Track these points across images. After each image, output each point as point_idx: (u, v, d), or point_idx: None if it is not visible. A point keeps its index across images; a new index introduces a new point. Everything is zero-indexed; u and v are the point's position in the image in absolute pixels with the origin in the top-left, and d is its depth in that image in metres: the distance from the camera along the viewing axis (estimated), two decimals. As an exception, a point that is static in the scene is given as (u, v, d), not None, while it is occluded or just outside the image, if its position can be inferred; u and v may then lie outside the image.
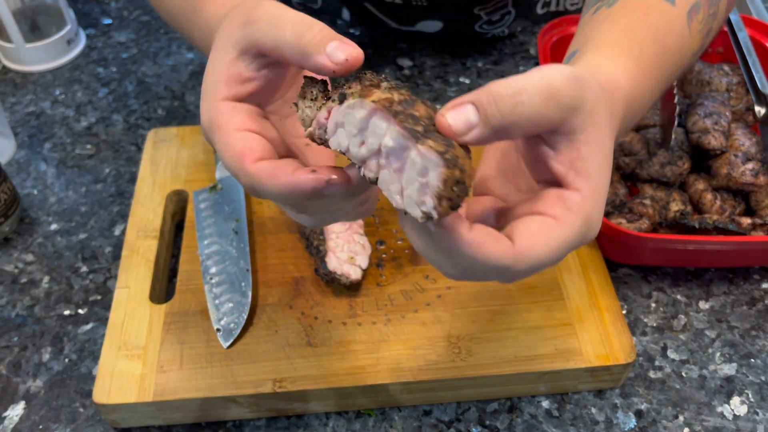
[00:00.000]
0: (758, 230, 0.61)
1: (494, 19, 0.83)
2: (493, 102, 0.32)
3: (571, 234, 0.35)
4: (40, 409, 0.55)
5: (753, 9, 0.99)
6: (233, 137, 0.37)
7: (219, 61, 0.39)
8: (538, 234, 0.34)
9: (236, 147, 0.37)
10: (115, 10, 0.97)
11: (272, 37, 0.36)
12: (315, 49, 0.35)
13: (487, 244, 0.33)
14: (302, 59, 0.36)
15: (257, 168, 0.36)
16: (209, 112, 0.39)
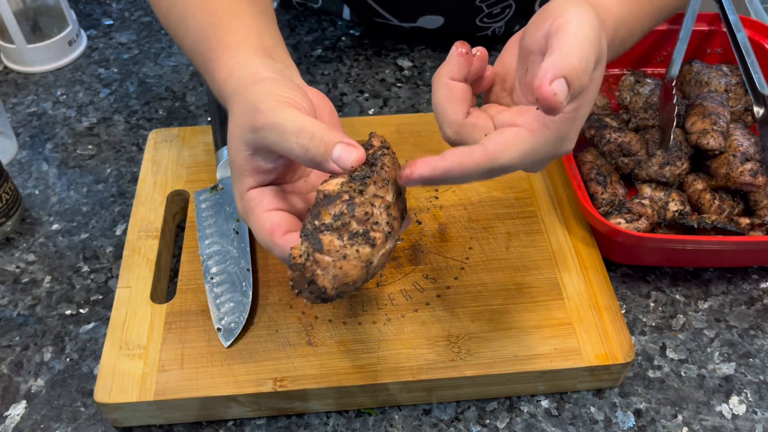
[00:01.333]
0: (757, 230, 0.61)
1: (495, 12, 0.84)
2: (576, 78, 0.37)
3: (544, 146, 0.40)
4: (41, 408, 0.55)
5: (752, 10, 0.99)
6: (262, 218, 0.43)
7: (238, 156, 0.44)
8: (510, 140, 0.40)
9: (266, 225, 0.42)
10: (116, 11, 0.97)
11: (280, 146, 0.41)
12: (322, 158, 0.40)
13: (464, 160, 0.39)
14: (314, 167, 0.41)
15: (285, 240, 0.42)
16: (241, 202, 0.44)
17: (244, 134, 0.42)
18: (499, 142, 0.40)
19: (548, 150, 0.41)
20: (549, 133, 0.41)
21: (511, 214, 0.64)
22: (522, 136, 0.40)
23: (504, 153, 0.40)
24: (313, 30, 0.93)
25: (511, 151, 0.40)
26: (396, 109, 0.81)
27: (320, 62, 0.88)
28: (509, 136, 0.40)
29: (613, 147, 0.67)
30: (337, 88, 0.84)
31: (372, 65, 0.87)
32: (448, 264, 0.60)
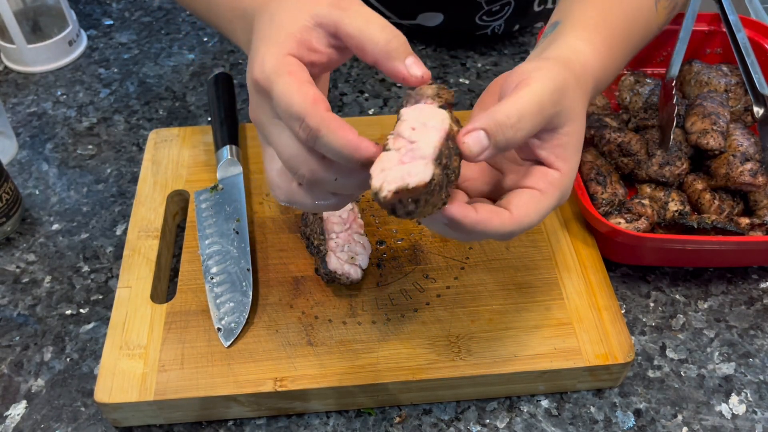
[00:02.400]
0: (756, 230, 0.61)
1: (494, 10, 0.84)
2: (500, 131, 0.40)
3: (553, 202, 0.44)
4: (41, 408, 0.55)
5: (751, 10, 0.99)
6: (307, 85, 0.39)
7: (292, 21, 0.41)
8: (529, 204, 0.43)
9: (310, 93, 0.39)
10: (116, 11, 0.97)
11: (360, 29, 0.40)
12: (398, 55, 0.40)
13: (493, 219, 0.41)
14: (384, 60, 0.40)
15: (330, 116, 0.38)
16: (279, 59, 0.40)
17: (316, 6, 0.41)
18: (522, 207, 0.43)
19: (557, 203, 0.44)
20: (555, 190, 0.44)
21: (511, 214, 0.64)
22: (537, 198, 0.43)
23: (526, 216, 0.43)
24: (313, 30, 0.93)
25: (531, 214, 0.43)
26: (396, 109, 0.81)
27: (320, 62, 0.88)
28: (527, 199, 0.43)
29: (613, 147, 0.67)
30: (337, 88, 0.84)
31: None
32: (448, 264, 0.60)
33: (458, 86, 0.84)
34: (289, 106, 0.39)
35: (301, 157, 0.41)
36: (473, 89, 0.84)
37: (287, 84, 0.39)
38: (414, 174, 0.37)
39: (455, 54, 0.89)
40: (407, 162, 0.38)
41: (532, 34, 0.92)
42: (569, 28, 0.51)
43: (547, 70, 0.43)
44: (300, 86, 0.39)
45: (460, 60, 0.88)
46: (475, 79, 0.86)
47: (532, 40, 0.91)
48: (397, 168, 0.37)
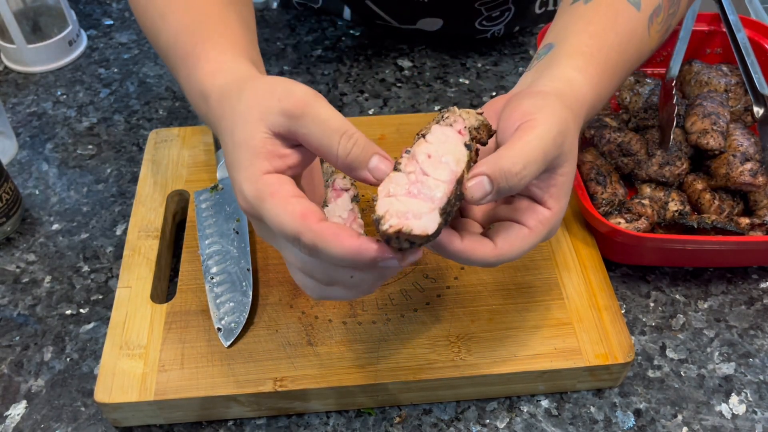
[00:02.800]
0: (756, 230, 0.61)
1: (494, 16, 0.84)
2: (504, 178, 0.40)
3: (539, 238, 0.45)
4: (41, 408, 0.55)
5: (751, 10, 0.99)
6: (291, 202, 0.39)
7: (250, 137, 0.41)
8: (515, 240, 0.44)
9: (297, 210, 0.39)
10: (116, 11, 0.97)
11: (318, 140, 0.40)
12: (359, 165, 0.41)
13: (477, 249, 0.43)
14: (348, 171, 0.41)
15: (323, 227, 0.38)
16: (255, 184, 0.40)
17: (269, 116, 0.41)
18: (507, 241, 0.44)
19: (543, 240, 0.45)
20: (543, 228, 0.44)
21: (511, 214, 0.64)
22: (524, 234, 0.44)
23: (509, 252, 0.44)
24: (313, 30, 0.93)
25: (515, 250, 0.44)
26: (396, 109, 0.81)
27: (320, 62, 0.88)
28: (513, 235, 0.44)
29: (612, 147, 0.67)
30: (337, 88, 0.84)
31: (372, 65, 0.87)
32: (448, 264, 0.60)
33: (458, 86, 0.84)
34: (282, 229, 0.39)
35: (311, 264, 0.41)
36: (473, 89, 0.84)
37: (272, 208, 0.39)
38: (419, 217, 0.37)
39: (455, 54, 0.89)
40: (414, 196, 0.38)
41: (533, 34, 0.92)
42: (564, 55, 0.50)
43: (551, 112, 0.43)
44: (285, 206, 0.39)
45: (460, 60, 0.88)
46: (475, 79, 0.86)
47: (532, 39, 0.91)
48: (404, 199, 0.38)
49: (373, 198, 0.39)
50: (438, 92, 0.84)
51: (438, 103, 0.82)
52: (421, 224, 0.37)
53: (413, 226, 0.37)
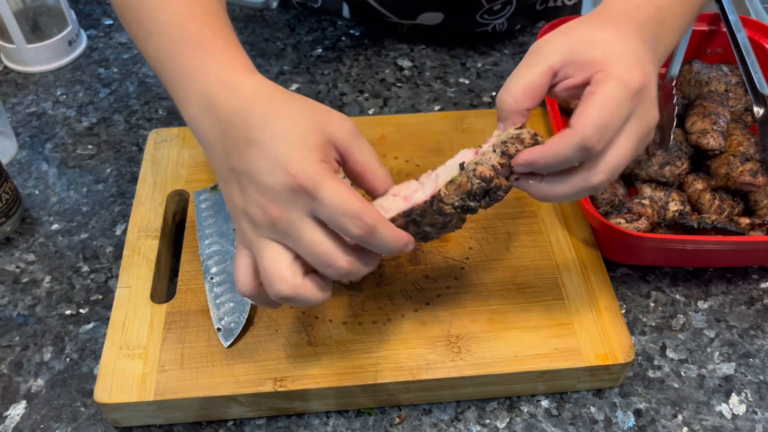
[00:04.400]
0: (757, 230, 0.61)
1: (495, 9, 0.84)
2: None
3: (610, 90, 0.43)
4: (41, 408, 0.55)
5: (752, 10, 0.99)
6: (353, 189, 0.43)
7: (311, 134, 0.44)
8: (583, 109, 0.43)
9: (359, 195, 0.42)
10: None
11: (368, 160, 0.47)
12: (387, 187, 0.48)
13: (556, 142, 0.43)
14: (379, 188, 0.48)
15: (381, 215, 0.43)
16: (317, 164, 0.42)
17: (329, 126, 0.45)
18: (578, 116, 0.43)
19: (618, 92, 0.43)
20: (607, 80, 0.44)
21: (511, 214, 0.64)
22: (588, 99, 0.44)
23: (587, 120, 0.42)
24: (313, 30, 0.93)
25: (592, 116, 0.43)
26: (396, 109, 0.81)
27: (320, 62, 0.88)
28: (581, 107, 0.44)
29: (613, 147, 0.67)
30: (337, 88, 0.84)
31: (372, 65, 0.87)
32: (448, 264, 0.60)
33: (458, 86, 0.84)
34: (346, 205, 0.41)
35: (338, 252, 0.43)
36: (473, 89, 0.84)
37: (338, 186, 0.42)
38: (388, 211, 0.46)
39: (455, 54, 0.89)
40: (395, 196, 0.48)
41: (533, 34, 0.92)
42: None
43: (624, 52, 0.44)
44: (349, 187, 0.42)
45: (460, 60, 0.88)
46: (475, 79, 0.85)
47: (532, 39, 0.91)
48: (389, 197, 0.47)
49: None
50: (438, 92, 0.84)
51: (438, 103, 0.82)
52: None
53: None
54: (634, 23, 0.47)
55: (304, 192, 0.42)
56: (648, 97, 0.45)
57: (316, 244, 0.43)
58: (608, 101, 0.43)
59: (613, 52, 0.44)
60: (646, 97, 0.44)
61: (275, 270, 0.43)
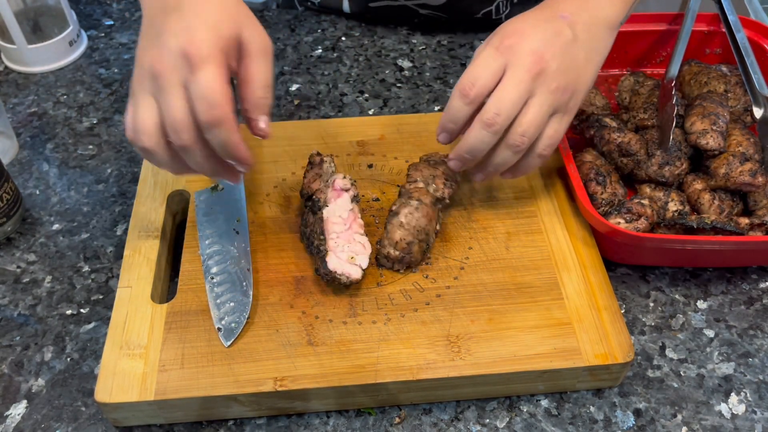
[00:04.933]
0: (756, 230, 0.61)
1: None
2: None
3: (480, 52, 0.55)
4: (42, 407, 0.56)
5: (751, 10, 0.99)
6: (227, 84, 0.48)
7: (228, 25, 0.49)
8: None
9: (228, 92, 0.47)
10: (116, 11, 0.97)
11: (259, 73, 0.52)
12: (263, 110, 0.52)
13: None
14: (252, 108, 0.52)
15: (230, 118, 0.47)
16: (212, 48, 0.47)
17: (237, 23, 0.49)
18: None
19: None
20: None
21: (511, 214, 0.64)
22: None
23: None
24: (313, 30, 0.93)
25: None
26: (396, 109, 0.82)
27: (320, 62, 0.88)
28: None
29: (612, 147, 0.67)
30: (337, 88, 0.84)
31: (372, 65, 0.88)
32: (448, 264, 0.60)
33: (458, 86, 0.85)
34: (208, 91, 0.46)
35: (186, 124, 0.48)
36: (473, 89, 0.84)
37: (215, 74, 0.47)
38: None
39: (455, 54, 0.89)
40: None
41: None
42: None
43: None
44: (223, 82, 0.47)
45: (460, 60, 0.88)
46: (475, 79, 0.86)
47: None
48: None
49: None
50: (438, 92, 0.84)
51: (438, 103, 0.82)
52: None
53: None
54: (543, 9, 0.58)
55: (189, 63, 0.47)
56: (521, 49, 0.54)
57: (175, 110, 0.47)
58: (476, 59, 0.55)
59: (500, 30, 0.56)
60: (519, 50, 0.54)
61: (140, 119, 0.49)
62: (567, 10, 0.57)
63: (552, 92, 0.54)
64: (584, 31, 0.57)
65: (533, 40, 0.54)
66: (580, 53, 0.56)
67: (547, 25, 0.56)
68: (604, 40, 0.59)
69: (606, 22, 0.59)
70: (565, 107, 0.56)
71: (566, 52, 0.55)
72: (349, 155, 0.70)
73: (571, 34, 0.56)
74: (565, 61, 0.55)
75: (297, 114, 0.81)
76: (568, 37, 0.56)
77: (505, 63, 0.54)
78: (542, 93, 0.54)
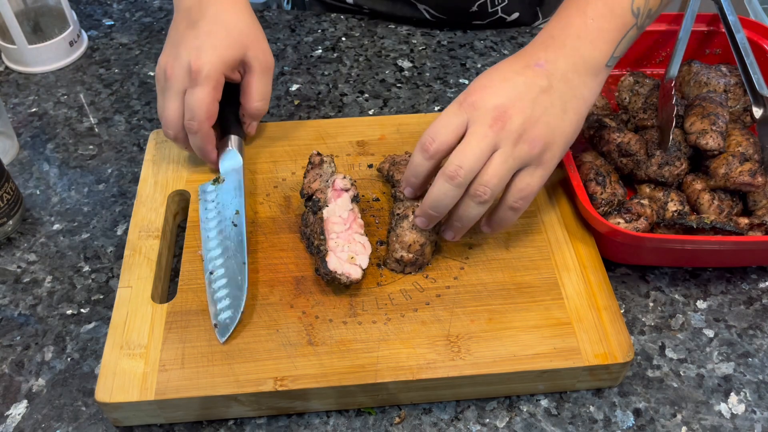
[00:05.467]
0: (755, 230, 0.61)
1: None
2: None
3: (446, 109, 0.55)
4: (42, 407, 0.56)
5: (750, 10, 0.99)
6: (215, 103, 0.63)
7: (230, 47, 0.64)
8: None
9: (212, 110, 0.63)
10: (116, 11, 0.97)
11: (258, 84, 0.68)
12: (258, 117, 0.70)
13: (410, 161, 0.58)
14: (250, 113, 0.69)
15: (209, 131, 0.64)
16: (213, 70, 0.62)
17: (244, 49, 0.64)
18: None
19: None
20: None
21: (511, 214, 0.64)
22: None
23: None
24: (313, 30, 0.93)
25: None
26: (396, 110, 0.82)
27: (320, 62, 0.88)
28: None
29: (612, 147, 0.67)
30: (337, 89, 0.84)
31: (372, 65, 0.88)
32: (448, 264, 0.60)
33: (458, 86, 0.85)
34: (196, 105, 0.62)
35: (175, 123, 0.64)
36: (473, 89, 0.84)
37: (206, 94, 0.62)
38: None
39: (455, 54, 0.89)
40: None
41: (532, 35, 0.92)
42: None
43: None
44: (212, 102, 0.62)
45: (460, 60, 0.88)
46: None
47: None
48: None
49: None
50: (438, 92, 0.84)
51: (438, 104, 0.82)
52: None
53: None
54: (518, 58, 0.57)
55: (191, 77, 0.61)
56: (484, 104, 0.53)
57: (170, 110, 0.63)
58: (441, 116, 0.55)
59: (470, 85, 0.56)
60: (480, 105, 0.53)
61: (169, 114, 0.64)
62: (543, 57, 0.55)
63: (516, 145, 0.52)
64: (561, 79, 0.54)
65: (498, 95, 0.53)
66: (556, 103, 0.54)
67: (518, 78, 0.54)
68: (587, 85, 0.56)
69: (588, 66, 0.56)
70: (538, 160, 0.53)
71: (536, 104, 0.53)
72: (349, 155, 0.70)
73: (545, 84, 0.54)
74: (534, 114, 0.53)
75: (297, 114, 0.81)
76: (540, 88, 0.54)
77: (467, 119, 0.53)
78: (506, 146, 0.52)
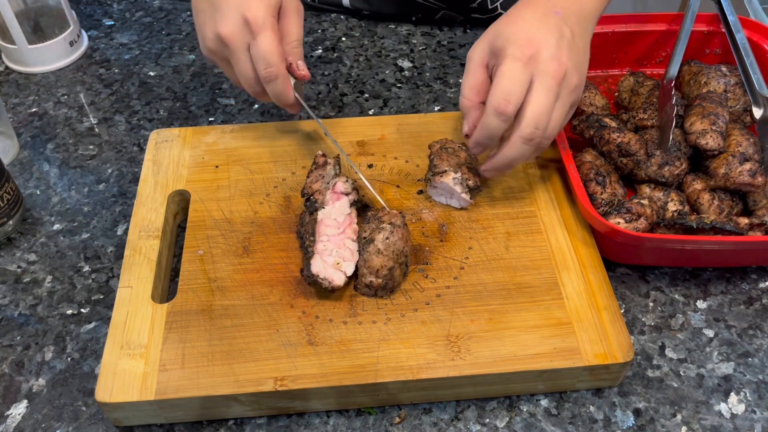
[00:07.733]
0: (755, 230, 0.61)
1: None
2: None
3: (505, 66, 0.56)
4: (42, 407, 0.56)
5: (750, 10, 0.99)
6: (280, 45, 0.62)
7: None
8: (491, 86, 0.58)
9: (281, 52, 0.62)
10: (117, 11, 0.97)
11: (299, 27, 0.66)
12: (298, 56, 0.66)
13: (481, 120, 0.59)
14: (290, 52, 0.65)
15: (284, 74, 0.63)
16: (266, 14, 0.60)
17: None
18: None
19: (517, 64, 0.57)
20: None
21: (511, 214, 0.65)
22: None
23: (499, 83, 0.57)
24: (313, 30, 0.93)
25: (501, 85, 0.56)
26: (396, 109, 0.82)
27: (320, 62, 0.88)
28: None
29: (612, 147, 0.67)
30: (337, 89, 0.84)
31: (372, 65, 0.88)
32: (448, 264, 0.60)
33: (458, 86, 0.85)
34: (266, 53, 0.60)
35: (254, 80, 0.63)
36: (473, 89, 0.84)
37: (271, 38, 0.60)
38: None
39: (455, 54, 0.89)
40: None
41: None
42: None
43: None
44: (277, 44, 0.60)
45: (460, 60, 0.88)
46: (475, 79, 0.86)
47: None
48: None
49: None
50: (438, 92, 0.84)
51: (438, 103, 0.82)
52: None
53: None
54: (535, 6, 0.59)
55: (251, 29, 0.60)
56: (543, 58, 0.56)
57: (245, 70, 0.62)
58: (504, 74, 0.56)
59: (510, 37, 0.57)
60: (541, 59, 0.56)
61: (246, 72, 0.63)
62: (558, 5, 0.60)
63: (572, 92, 0.58)
64: (576, 24, 0.60)
65: (549, 46, 0.57)
66: (580, 48, 0.60)
67: (550, 26, 0.58)
68: (590, 32, 0.63)
69: (591, 15, 0.62)
70: (578, 99, 0.61)
71: (572, 50, 0.58)
72: (349, 155, 0.70)
73: (569, 32, 0.58)
74: (573, 59, 0.58)
75: (297, 114, 0.81)
76: (569, 35, 0.58)
77: (532, 74, 0.56)
78: (565, 95, 0.58)
